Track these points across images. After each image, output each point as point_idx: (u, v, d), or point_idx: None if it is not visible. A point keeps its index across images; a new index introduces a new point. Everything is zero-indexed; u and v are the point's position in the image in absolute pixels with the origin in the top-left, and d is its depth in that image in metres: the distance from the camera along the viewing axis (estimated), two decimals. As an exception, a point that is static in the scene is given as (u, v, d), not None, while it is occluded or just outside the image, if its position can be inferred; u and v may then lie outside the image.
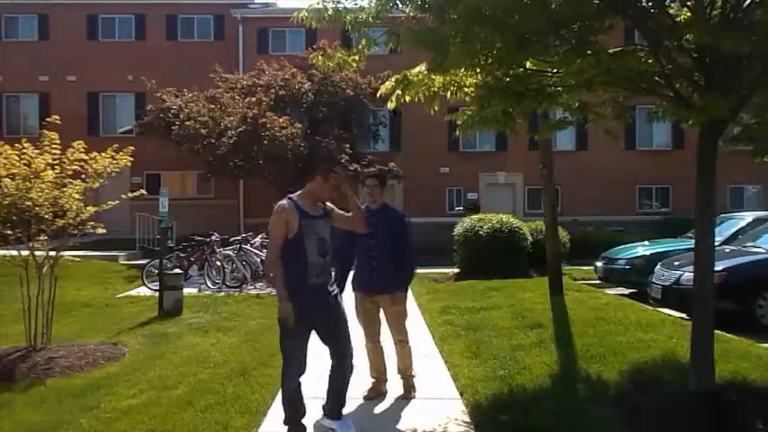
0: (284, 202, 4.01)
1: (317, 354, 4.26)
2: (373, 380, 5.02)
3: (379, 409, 4.77)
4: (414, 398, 4.87)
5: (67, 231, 6.72)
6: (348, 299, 4.57)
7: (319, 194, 4.11)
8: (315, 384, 4.38)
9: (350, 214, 4.30)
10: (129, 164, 7.06)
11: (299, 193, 4.10)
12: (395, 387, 5.03)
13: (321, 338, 4.11)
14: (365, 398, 4.88)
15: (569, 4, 4.11)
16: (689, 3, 4.70)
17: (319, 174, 4.10)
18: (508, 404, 4.75)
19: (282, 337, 4.02)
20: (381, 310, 4.92)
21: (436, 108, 5.47)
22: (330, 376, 4.16)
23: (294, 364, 3.99)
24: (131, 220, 17.23)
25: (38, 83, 21.23)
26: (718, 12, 4.43)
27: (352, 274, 4.97)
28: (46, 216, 6.46)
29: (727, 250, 9.07)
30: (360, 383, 4.92)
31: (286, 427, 4.06)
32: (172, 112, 16.94)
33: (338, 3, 5.11)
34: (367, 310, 4.90)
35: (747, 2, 4.41)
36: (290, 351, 4.00)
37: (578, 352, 6.15)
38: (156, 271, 10.68)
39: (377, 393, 4.96)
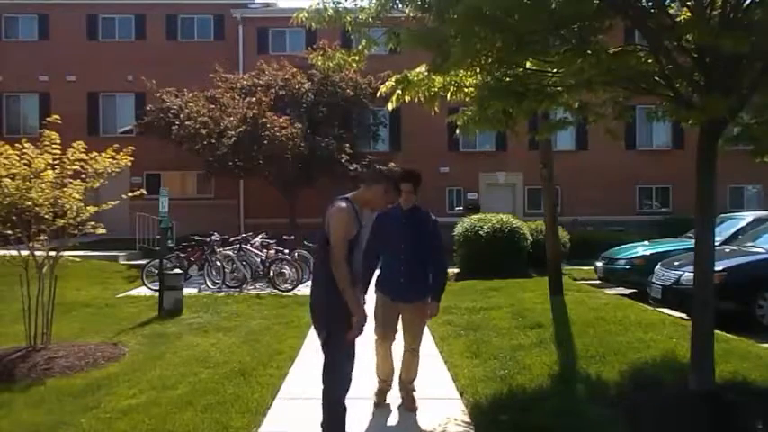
0: (346, 204, 3.71)
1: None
2: (381, 383, 4.87)
3: (378, 408, 4.77)
4: (417, 409, 4.68)
5: (67, 231, 6.72)
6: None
7: (374, 203, 3.95)
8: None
9: None
10: (129, 164, 7.06)
11: (352, 195, 3.84)
12: (394, 389, 5.01)
13: None
14: (375, 404, 4.77)
15: (569, 4, 4.11)
16: (689, 3, 4.71)
17: (382, 184, 3.87)
18: (508, 404, 4.75)
19: (337, 346, 3.72)
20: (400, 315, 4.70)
21: (437, 109, 5.47)
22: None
23: (347, 371, 3.77)
24: (131, 220, 17.21)
25: (38, 83, 21.21)
26: (718, 12, 4.44)
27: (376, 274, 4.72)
28: (46, 216, 6.46)
29: (727, 250, 9.07)
30: (361, 384, 4.89)
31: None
32: (172, 112, 16.92)
33: (338, 3, 5.11)
34: (388, 315, 4.64)
35: (747, 2, 4.41)
36: (344, 358, 3.75)
37: (578, 352, 6.15)
38: (156, 271, 10.68)
39: (384, 398, 4.83)
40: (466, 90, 5.28)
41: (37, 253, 6.63)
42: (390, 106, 5.55)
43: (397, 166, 17.94)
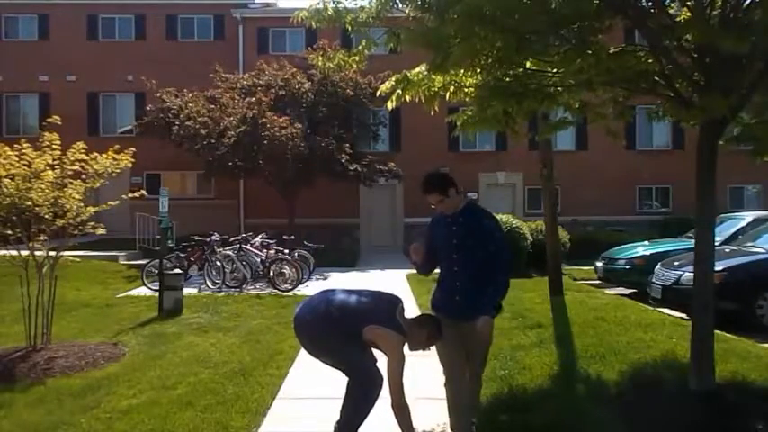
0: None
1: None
2: None
3: (378, 408, 4.75)
4: None
5: (67, 231, 6.72)
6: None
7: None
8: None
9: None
10: (129, 165, 7.06)
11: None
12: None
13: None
14: None
15: (569, 4, 4.12)
16: (689, 3, 4.71)
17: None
18: (508, 404, 4.75)
19: (365, 357, 3.75)
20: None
21: (437, 108, 5.47)
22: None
23: (382, 380, 3.72)
24: (131, 220, 17.21)
25: (38, 83, 21.20)
26: (718, 12, 4.44)
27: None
28: (46, 216, 6.46)
29: (727, 250, 9.07)
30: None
31: None
32: (172, 112, 16.91)
33: (338, 3, 5.11)
34: (450, 338, 3.86)
35: (747, 2, 4.41)
36: (375, 367, 3.74)
37: (578, 352, 6.15)
38: (156, 271, 10.67)
39: None
40: (466, 90, 5.28)
41: (37, 253, 6.63)
42: (390, 105, 5.55)
43: (396, 166, 18.08)
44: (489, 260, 3.72)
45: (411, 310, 8.63)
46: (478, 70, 4.88)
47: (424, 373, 5.41)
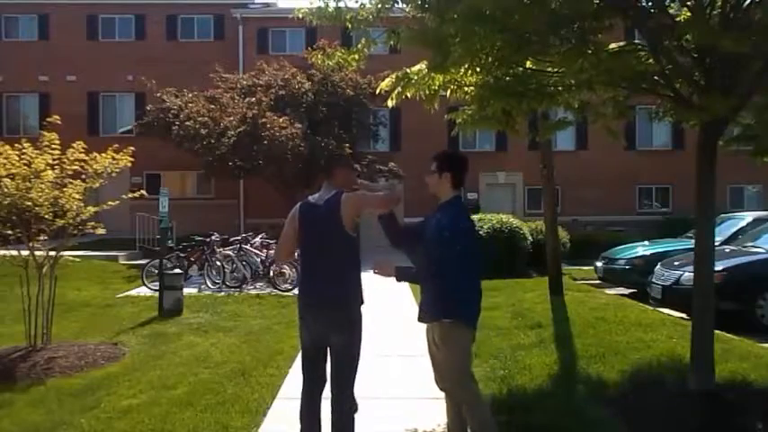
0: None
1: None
2: None
3: (378, 408, 4.76)
4: None
5: (67, 231, 6.72)
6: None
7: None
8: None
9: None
10: (129, 164, 7.06)
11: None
12: (393, 385, 4.99)
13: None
14: None
15: (569, 4, 4.11)
16: (689, 3, 4.71)
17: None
18: (508, 404, 4.75)
19: (358, 348, 3.62)
20: None
21: (436, 106, 5.47)
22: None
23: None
24: (131, 220, 17.20)
25: (38, 83, 21.20)
26: (718, 12, 4.44)
27: None
28: (46, 216, 6.46)
29: (727, 250, 9.07)
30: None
31: None
32: (172, 112, 16.91)
33: (339, 0, 5.10)
34: (427, 342, 3.68)
35: (747, 2, 4.41)
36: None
37: (578, 352, 6.15)
38: (156, 271, 10.67)
39: None
40: (466, 89, 5.28)
41: (37, 253, 6.63)
42: (390, 103, 5.54)
43: (396, 166, 18.07)
44: (443, 261, 3.34)
45: (411, 309, 8.64)
46: (478, 69, 4.87)
47: (428, 374, 5.41)
